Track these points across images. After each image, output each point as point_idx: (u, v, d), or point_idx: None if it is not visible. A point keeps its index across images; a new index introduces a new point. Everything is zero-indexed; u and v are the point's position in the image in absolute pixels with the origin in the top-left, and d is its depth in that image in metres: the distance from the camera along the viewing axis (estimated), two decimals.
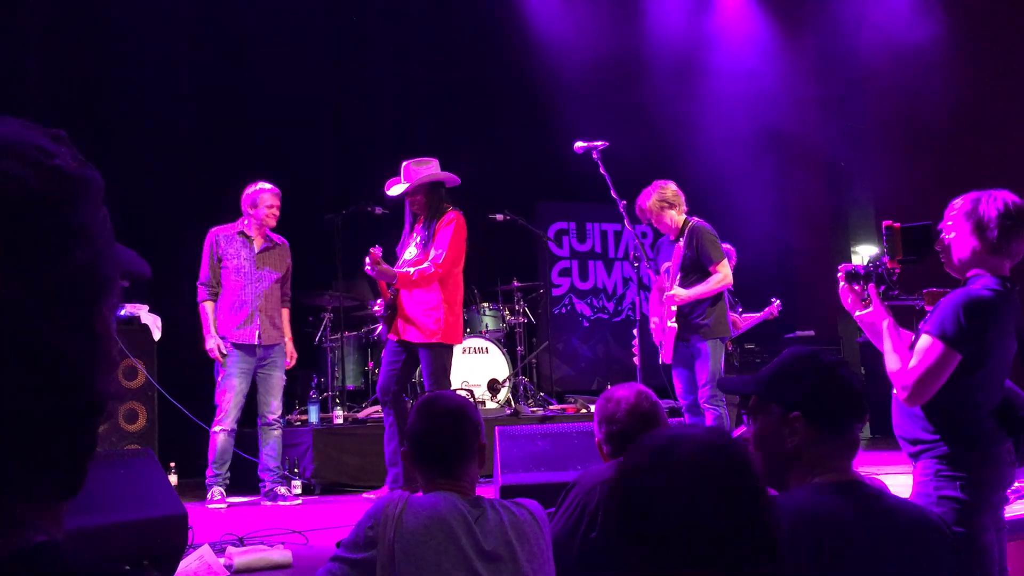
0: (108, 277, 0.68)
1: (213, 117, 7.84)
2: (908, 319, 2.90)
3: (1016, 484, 2.95)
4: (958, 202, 2.63)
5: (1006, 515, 2.69)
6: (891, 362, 2.60)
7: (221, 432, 5.37)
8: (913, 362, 2.54)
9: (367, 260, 5.00)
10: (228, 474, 5.43)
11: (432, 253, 5.09)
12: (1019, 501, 3.90)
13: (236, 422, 5.43)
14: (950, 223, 2.64)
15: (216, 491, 5.34)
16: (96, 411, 0.68)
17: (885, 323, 2.66)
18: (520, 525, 1.97)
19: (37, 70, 7.03)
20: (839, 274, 2.80)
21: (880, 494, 1.75)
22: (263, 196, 5.52)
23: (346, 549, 2.01)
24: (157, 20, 7.39)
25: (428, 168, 5.29)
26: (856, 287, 2.75)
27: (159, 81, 7.53)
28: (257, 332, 5.43)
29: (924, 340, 2.53)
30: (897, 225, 2.75)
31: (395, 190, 5.29)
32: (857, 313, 2.75)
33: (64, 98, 7.12)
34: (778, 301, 6.99)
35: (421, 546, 1.93)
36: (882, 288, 2.70)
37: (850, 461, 1.77)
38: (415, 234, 5.29)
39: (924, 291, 2.71)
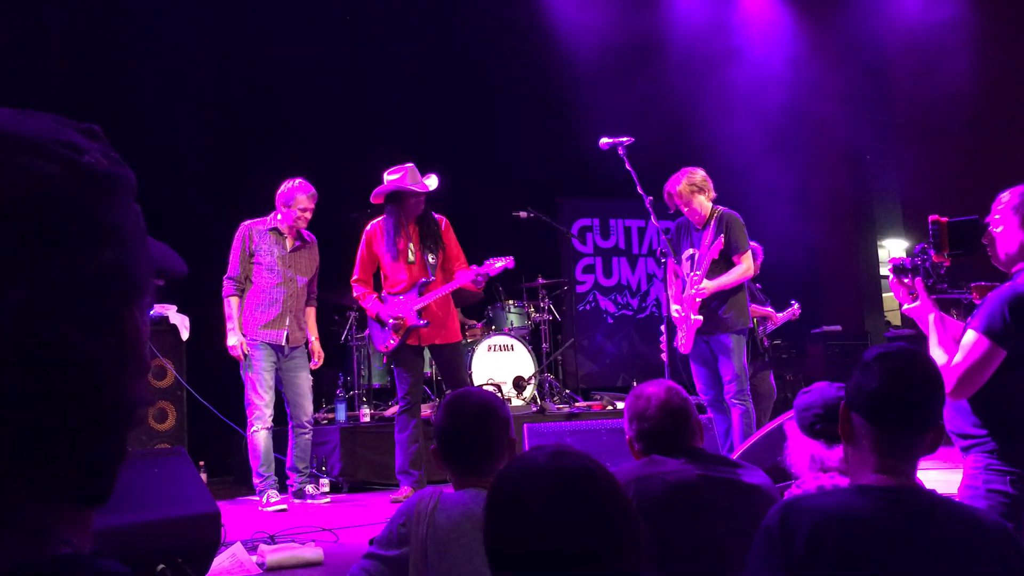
0: (139, 278, 0.66)
1: (237, 116, 7.90)
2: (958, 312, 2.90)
3: None
4: (1005, 196, 2.62)
5: None
6: (937, 356, 2.60)
7: (262, 430, 5.26)
8: (958, 357, 2.55)
9: (479, 279, 5.31)
10: (275, 475, 5.31)
11: (457, 255, 5.49)
12: None
13: (272, 419, 5.34)
14: (997, 216, 2.63)
15: (270, 494, 5.19)
16: (125, 416, 0.65)
17: (931, 316, 2.67)
18: None
19: (57, 72, 7.11)
20: (889, 267, 2.81)
21: (936, 501, 1.68)
22: (298, 197, 5.37)
23: (379, 546, 2.02)
24: (176, 23, 7.44)
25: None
26: (905, 280, 2.75)
27: (180, 83, 7.57)
28: (285, 333, 5.36)
29: (969, 335, 2.54)
30: (944, 219, 2.74)
31: (433, 183, 5.43)
32: (905, 307, 2.76)
33: (84, 96, 7.18)
34: (798, 304, 6.90)
35: (453, 543, 1.93)
36: (929, 282, 2.70)
37: (906, 466, 1.69)
38: (413, 237, 5.42)
39: (973, 285, 2.71)
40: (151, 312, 5.94)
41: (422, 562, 1.93)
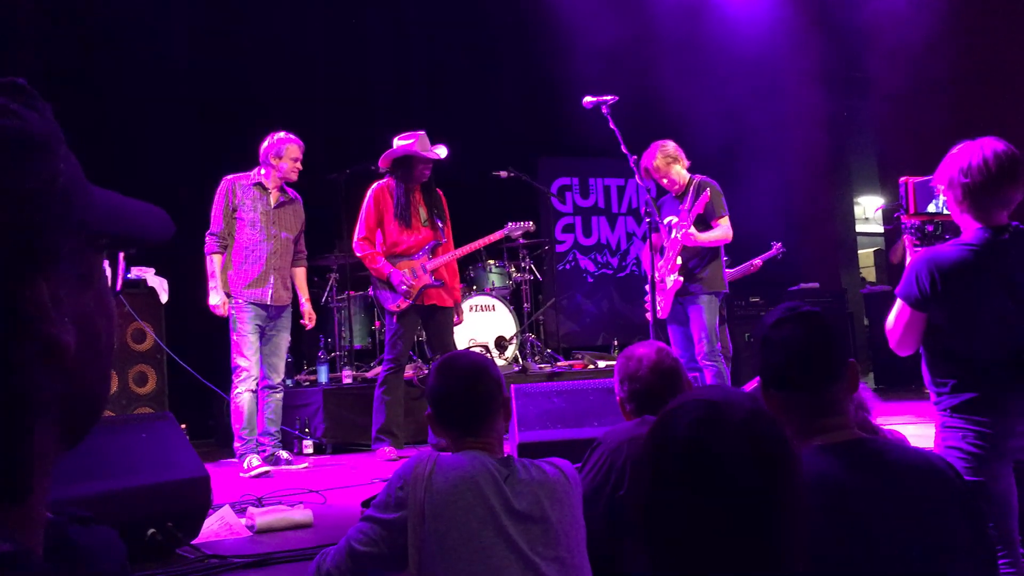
0: (45, 247, 0.58)
1: (212, 76, 7.76)
2: None
3: None
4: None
5: None
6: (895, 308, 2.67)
7: (245, 392, 5.12)
8: (891, 320, 2.61)
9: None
10: (256, 439, 5.21)
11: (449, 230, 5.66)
12: None
13: (256, 381, 5.20)
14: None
15: (251, 458, 5.06)
16: (20, 407, 0.57)
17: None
18: (552, 485, 1.98)
19: (30, 27, 6.93)
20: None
21: (882, 450, 1.64)
22: (290, 147, 5.23)
23: (377, 509, 2.02)
24: None
25: None
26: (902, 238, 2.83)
27: (157, 36, 7.41)
28: (270, 292, 5.19)
29: (897, 300, 2.60)
30: (911, 180, 2.77)
31: (442, 152, 5.47)
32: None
33: (61, 49, 7.02)
34: (779, 243, 6.90)
35: (451, 506, 1.94)
36: (916, 241, 2.75)
37: (842, 419, 1.65)
38: (422, 205, 5.48)
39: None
40: (128, 275, 5.89)
41: (420, 525, 1.94)
